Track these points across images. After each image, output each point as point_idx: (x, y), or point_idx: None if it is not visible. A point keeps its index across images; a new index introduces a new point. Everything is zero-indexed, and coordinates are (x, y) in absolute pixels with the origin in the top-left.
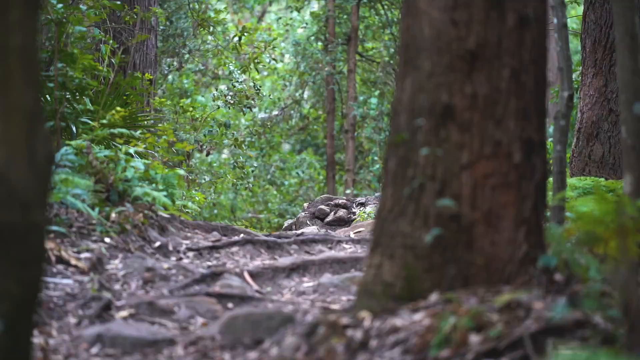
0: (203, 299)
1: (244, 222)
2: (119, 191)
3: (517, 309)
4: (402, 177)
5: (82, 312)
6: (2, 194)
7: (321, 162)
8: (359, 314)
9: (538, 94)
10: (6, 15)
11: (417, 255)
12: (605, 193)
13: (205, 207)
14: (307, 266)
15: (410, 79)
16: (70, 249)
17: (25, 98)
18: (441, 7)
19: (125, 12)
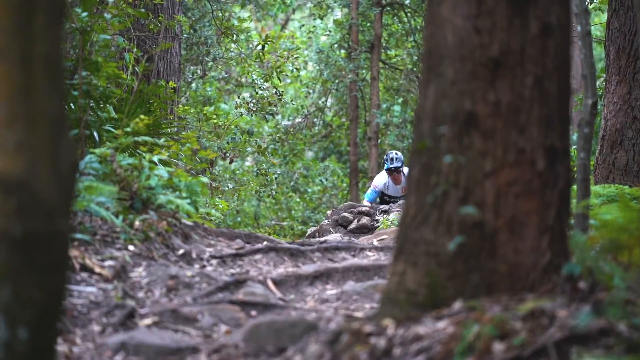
0: (226, 307)
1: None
2: (142, 199)
3: (541, 317)
4: (425, 184)
5: (106, 320)
6: (26, 202)
7: (344, 169)
8: (382, 321)
9: (561, 101)
10: (31, 24)
11: (441, 263)
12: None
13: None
14: (331, 274)
15: (433, 87)
16: (94, 256)
17: (50, 106)
18: (464, 14)
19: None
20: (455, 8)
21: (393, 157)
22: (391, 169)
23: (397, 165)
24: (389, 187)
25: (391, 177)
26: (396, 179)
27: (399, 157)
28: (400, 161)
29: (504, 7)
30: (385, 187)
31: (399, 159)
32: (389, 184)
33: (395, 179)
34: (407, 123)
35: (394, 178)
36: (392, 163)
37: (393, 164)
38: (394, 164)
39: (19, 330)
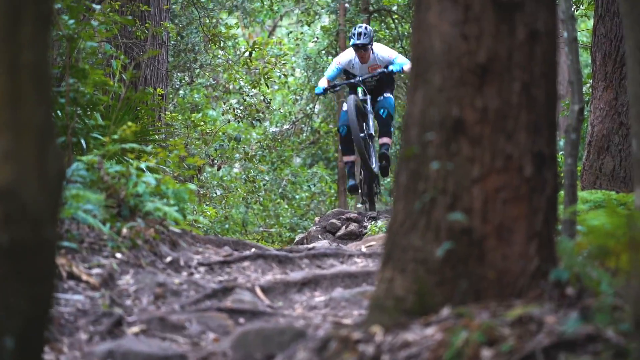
0: (214, 314)
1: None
2: (130, 206)
3: (529, 323)
4: (413, 190)
5: (94, 328)
6: (13, 211)
7: (332, 175)
8: (370, 328)
9: (549, 107)
10: (17, 32)
11: (429, 269)
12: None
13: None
14: (319, 280)
15: (421, 93)
16: (81, 264)
17: (37, 114)
18: (452, 21)
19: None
20: (442, 14)
21: (361, 32)
22: (357, 45)
23: (365, 41)
24: (355, 65)
25: (358, 54)
26: (363, 57)
27: (367, 33)
28: (368, 37)
29: (491, 14)
30: (350, 64)
31: (367, 35)
32: (355, 61)
33: (362, 57)
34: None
35: (360, 55)
36: (359, 39)
37: (360, 39)
38: (360, 40)
39: (5, 339)
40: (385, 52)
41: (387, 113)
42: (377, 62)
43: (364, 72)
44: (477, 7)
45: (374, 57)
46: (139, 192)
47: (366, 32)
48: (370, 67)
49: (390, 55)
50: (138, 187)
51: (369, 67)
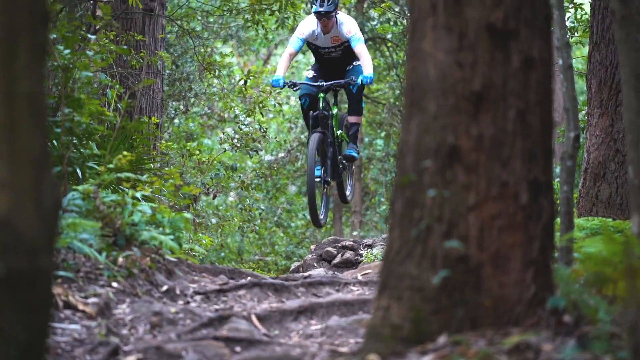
0: (211, 343)
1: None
2: (126, 235)
3: (526, 351)
4: (409, 218)
5: (90, 357)
6: (9, 241)
7: None
8: (367, 356)
9: (544, 134)
10: (13, 62)
11: (425, 298)
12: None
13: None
14: (315, 309)
15: (416, 121)
16: (77, 293)
17: (33, 144)
18: (446, 49)
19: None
20: (437, 42)
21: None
22: (320, 12)
23: (329, 9)
24: (318, 36)
25: (320, 22)
26: (326, 26)
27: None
28: (333, 4)
29: (486, 42)
30: (313, 35)
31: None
32: (318, 31)
33: (325, 26)
34: (389, 157)
35: (323, 24)
36: (323, 5)
37: (324, 6)
38: (324, 7)
39: None
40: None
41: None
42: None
43: (327, 43)
44: (471, 35)
45: (337, 28)
46: (135, 221)
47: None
48: (332, 37)
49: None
50: (134, 216)
51: (331, 38)
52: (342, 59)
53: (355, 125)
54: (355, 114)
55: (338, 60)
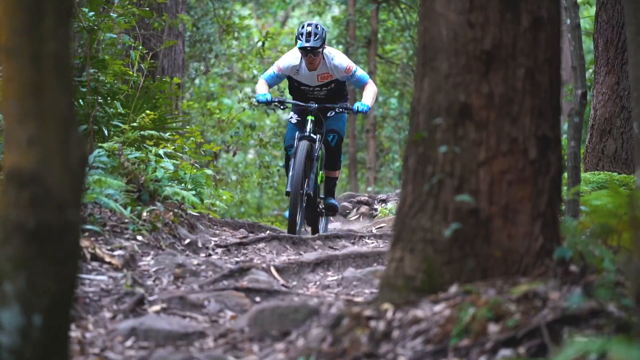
0: (232, 294)
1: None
2: (149, 191)
3: (534, 300)
4: (421, 174)
5: (117, 306)
6: (38, 195)
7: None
8: (381, 306)
9: (552, 92)
10: (40, 24)
11: (437, 249)
12: (618, 187)
13: (233, 205)
14: (331, 261)
15: (428, 80)
16: (104, 246)
17: (59, 103)
18: (458, 9)
19: (153, 20)
20: (448, 3)
21: (311, 31)
22: (306, 48)
23: (315, 44)
24: (300, 71)
25: (305, 59)
26: (312, 63)
27: (319, 33)
28: (320, 39)
29: (496, 2)
30: (294, 70)
31: (318, 36)
32: (301, 67)
33: (311, 63)
34: (403, 115)
35: (309, 61)
36: (309, 40)
37: (310, 41)
38: (310, 42)
39: (33, 317)
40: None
41: (336, 139)
42: (329, 70)
43: (312, 81)
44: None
45: (325, 64)
46: (158, 178)
47: (317, 31)
48: (320, 75)
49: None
50: (157, 172)
51: (319, 76)
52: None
53: (332, 180)
54: (333, 168)
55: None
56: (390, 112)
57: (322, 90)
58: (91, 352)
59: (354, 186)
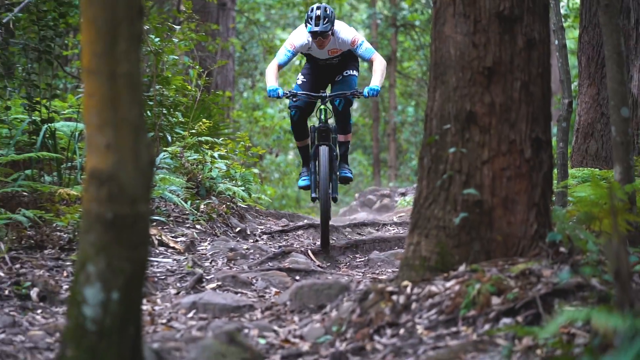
0: (275, 273)
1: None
2: (206, 187)
3: (530, 276)
4: (434, 171)
5: (180, 284)
6: (114, 191)
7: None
8: (402, 282)
9: (544, 101)
10: (115, 49)
11: (448, 235)
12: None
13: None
14: (359, 245)
15: (439, 91)
16: (169, 234)
17: (131, 114)
18: (463, 32)
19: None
20: (456, 27)
21: (320, 14)
22: (315, 32)
23: (325, 28)
24: (312, 48)
25: (315, 41)
26: (322, 44)
27: (328, 16)
28: (329, 22)
29: (496, 26)
30: (306, 47)
31: (328, 19)
32: (312, 45)
33: (321, 44)
34: (419, 121)
35: (319, 42)
36: (319, 25)
37: (320, 26)
38: (320, 27)
39: (112, 293)
40: (347, 34)
41: (344, 103)
42: (337, 45)
43: (324, 55)
44: (484, 21)
45: (333, 40)
46: (213, 176)
47: (326, 14)
48: (330, 50)
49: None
50: (212, 171)
51: (329, 51)
52: (339, 66)
53: (344, 144)
54: (343, 132)
55: (334, 67)
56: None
57: (334, 59)
58: (159, 322)
59: (377, 182)
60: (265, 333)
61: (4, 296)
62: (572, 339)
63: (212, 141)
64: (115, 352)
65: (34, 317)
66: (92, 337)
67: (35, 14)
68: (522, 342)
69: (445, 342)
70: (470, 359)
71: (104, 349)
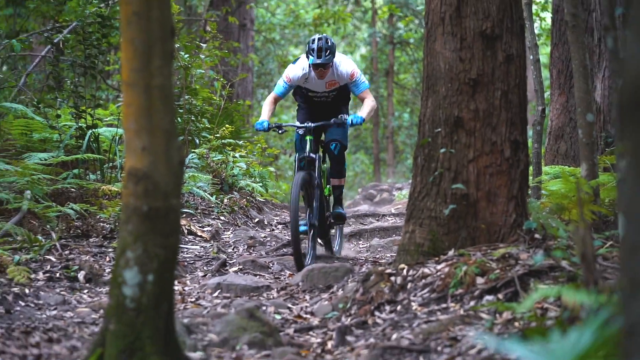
0: (289, 258)
1: None
2: (229, 184)
3: (509, 259)
4: (427, 169)
5: (206, 268)
6: (149, 187)
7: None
8: (399, 265)
9: (521, 108)
10: (150, 65)
11: (439, 224)
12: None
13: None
14: (362, 233)
15: (431, 100)
16: (197, 224)
17: (164, 121)
18: (451, 48)
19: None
20: (445, 44)
21: (321, 46)
22: (317, 64)
23: (327, 60)
24: (310, 80)
25: (316, 72)
26: (322, 75)
27: (329, 47)
28: (331, 54)
29: (480, 43)
30: (303, 79)
31: (330, 51)
32: (311, 76)
33: (322, 75)
34: (413, 126)
35: (319, 73)
36: (321, 57)
37: (322, 58)
38: (322, 59)
39: (148, 276)
40: (346, 66)
41: (339, 148)
42: (335, 77)
43: (320, 87)
44: (469, 39)
45: (332, 72)
46: (235, 174)
47: (328, 46)
48: (328, 82)
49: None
50: (234, 170)
51: (327, 83)
52: (332, 104)
53: (339, 188)
54: (337, 176)
55: (327, 105)
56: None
57: (329, 95)
58: (189, 300)
59: (377, 178)
60: (281, 310)
61: (55, 278)
62: (545, 313)
63: (234, 143)
64: (151, 326)
65: (81, 296)
66: (131, 314)
67: (82, 35)
68: (503, 316)
69: (436, 316)
70: (459, 331)
71: (141, 324)
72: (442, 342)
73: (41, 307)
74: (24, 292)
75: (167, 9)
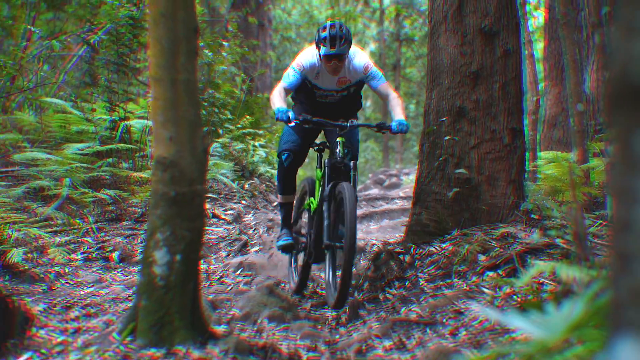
0: None
1: None
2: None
3: (508, 237)
4: (432, 155)
5: (229, 248)
6: (176, 175)
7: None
8: (407, 244)
9: (518, 99)
10: (176, 62)
11: (444, 206)
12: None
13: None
14: (372, 215)
15: (435, 91)
16: (220, 208)
17: (189, 112)
18: (454, 44)
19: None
20: (448, 40)
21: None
22: (330, 55)
23: (342, 51)
24: (320, 74)
25: (328, 65)
26: (336, 69)
27: (344, 35)
28: (347, 43)
29: (480, 39)
30: (313, 71)
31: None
32: (322, 70)
33: (335, 69)
34: (419, 116)
35: (333, 67)
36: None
37: (336, 48)
38: (336, 50)
39: (176, 256)
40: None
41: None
42: (348, 73)
43: (331, 84)
44: (470, 35)
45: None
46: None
47: (343, 34)
48: (339, 80)
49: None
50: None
51: (338, 80)
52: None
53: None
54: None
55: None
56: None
57: (336, 95)
58: (214, 278)
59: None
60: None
61: (92, 258)
62: (542, 287)
63: (254, 133)
64: (179, 303)
65: (115, 275)
66: (160, 291)
67: (115, 36)
68: (503, 290)
69: (442, 291)
70: (462, 305)
71: (170, 300)
72: (448, 315)
73: (79, 284)
74: (64, 271)
75: (191, 10)
